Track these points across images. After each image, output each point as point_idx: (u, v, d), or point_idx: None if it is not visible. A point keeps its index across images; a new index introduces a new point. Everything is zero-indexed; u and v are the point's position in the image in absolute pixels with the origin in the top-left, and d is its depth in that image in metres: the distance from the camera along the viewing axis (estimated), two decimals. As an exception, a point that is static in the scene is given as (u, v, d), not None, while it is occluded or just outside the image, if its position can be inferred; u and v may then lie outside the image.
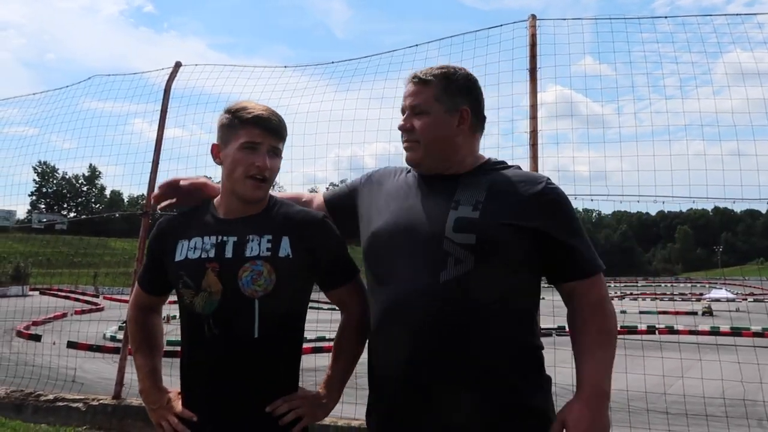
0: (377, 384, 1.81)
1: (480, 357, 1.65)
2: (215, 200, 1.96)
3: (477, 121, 1.89)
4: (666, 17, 5.00)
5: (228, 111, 1.87)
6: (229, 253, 1.81)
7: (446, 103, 1.83)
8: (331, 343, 2.01)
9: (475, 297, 1.65)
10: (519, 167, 1.92)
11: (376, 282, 1.81)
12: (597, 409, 1.63)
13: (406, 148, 1.89)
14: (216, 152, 1.91)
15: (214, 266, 1.80)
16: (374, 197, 1.94)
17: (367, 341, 1.88)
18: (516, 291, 1.73)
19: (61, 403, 5.64)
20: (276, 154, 1.86)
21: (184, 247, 1.87)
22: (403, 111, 1.91)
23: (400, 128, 1.89)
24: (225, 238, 1.84)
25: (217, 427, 1.78)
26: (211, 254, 1.82)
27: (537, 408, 1.71)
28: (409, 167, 1.94)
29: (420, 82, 1.86)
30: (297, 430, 1.81)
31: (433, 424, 1.66)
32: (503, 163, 1.92)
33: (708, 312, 32.88)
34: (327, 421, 4.61)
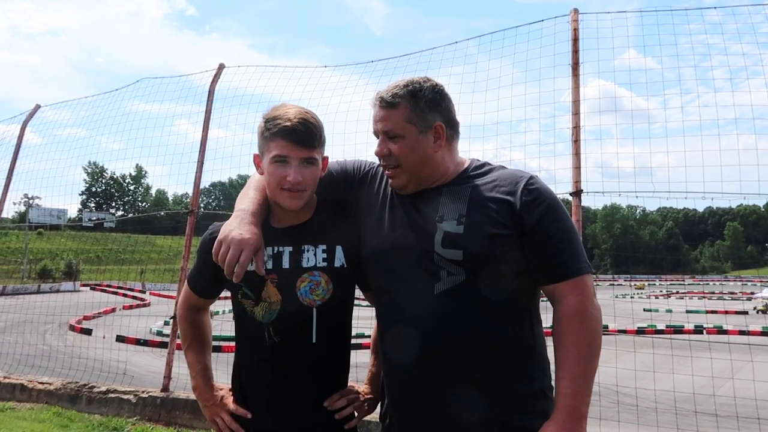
0: (387, 389, 1.85)
1: (478, 361, 1.67)
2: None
3: (452, 130, 1.87)
4: (715, 7, 4.83)
5: (264, 118, 1.88)
6: (286, 264, 1.86)
7: (418, 124, 1.79)
8: (369, 340, 2.05)
9: (469, 305, 1.68)
10: (503, 167, 1.88)
11: (379, 293, 1.85)
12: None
13: (389, 176, 1.86)
14: (258, 162, 1.94)
15: (272, 277, 1.84)
16: (368, 205, 1.94)
17: (381, 354, 1.90)
18: (510, 296, 1.71)
19: (112, 395, 5.87)
20: (310, 163, 1.84)
21: None
22: (376, 134, 1.87)
23: (377, 154, 1.85)
24: (281, 249, 1.88)
25: (279, 428, 1.85)
26: (269, 265, 1.85)
27: (535, 413, 1.69)
28: None
29: (387, 105, 1.80)
30: (353, 425, 1.89)
31: (436, 428, 1.70)
32: (486, 165, 1.89)
33: (764, 310, 31.73)
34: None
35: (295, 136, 1.80)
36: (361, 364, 2.11)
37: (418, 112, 1.79)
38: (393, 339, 1.75)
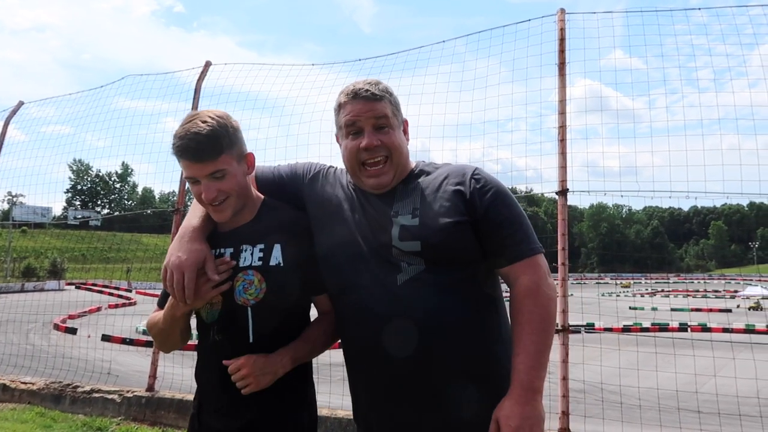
0: (357, 385, 1.87)
1: (447, 345, 1.69)
2: None
3: None
4: (700, 8, 4.88)
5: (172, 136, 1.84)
6: None
7: (398, 117, 1.89)
8: None
9: (432, 291, 1.71)
10: (448, 164, 1.95)
11: (338, 292, 1.86)
12: (527, 404, 1.63)
13: (374, 172, 1.83)
14: None
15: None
16: (321, 206, 1.94)
17: (344, 354, 1.90)
18: (470, 280, 1.76)
19: (97, 395, 5.81)
20: (218, 177, 1.80)
21: None
22: (354, 129, 1.83)
23: (366, 147, 1.81)
24: (222, 251, 1.90)
25: (227, 425, 1.85)
26: None
27: (497, 395, 1.69)
28: (347, 174, 1.95)
29: (374, 97, 1.82)
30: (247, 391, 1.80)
31: (407, 417, 1.72)
32: (431, 164, 1.96)
33: (755, 307, 32.25)
34: (325, 412, 4.66)
35: (189, 155, 1.77)
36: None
37: (395, 106, 1.88)
38: (359, 333, 1.78)
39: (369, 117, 1.82)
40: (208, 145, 1.77)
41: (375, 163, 1.83)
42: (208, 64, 6.33)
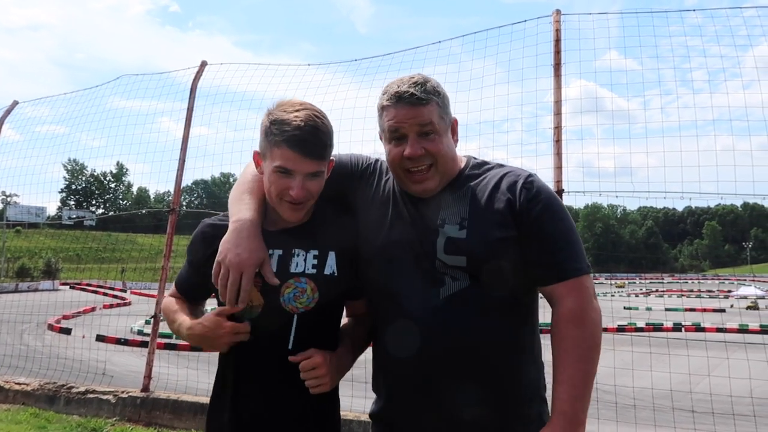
0: (388, 390, 1.82)
1: (483, 365, 1.66)
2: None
3: None
4: (694, 10, 4.91)
5: (270, 115, 1.73)
6: (274, 268, 1.76)
7: (446, 120, 1.76)
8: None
9: (474, 309, 1.65)
10: (501, 165, 1.83)
11: (378, 295, 1.80)
12: None
13: (419, 179, 1.73)
14: (258, 161, 1.82)
15: (257, 281, 1.74)
16: (368, 205, 1.86)
17: (375, 354, 1.87)
18: (514, 299, 1.70)
19: (91, 395, 5.79)
20: (316, 176, 1.73)
21: None
22: (397, 135, 1.72)
23: (411, 156, 1.70)
24: (270, 251, 1.77)
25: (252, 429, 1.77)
26: None
27: (530, 417, 1.70)
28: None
29: (419, 101, 1.69)
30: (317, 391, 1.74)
31: (436, 426, 1.69)
32: (484, 165, 1.84)
33: (753, 307, 32.50)
34: (350, 416, 4.66)
35: (303, 147, 1.66)
36: (369, 361, 2.05)
37: (444, 107, 1.75)
38: (397, 342, 1.71)
39: (413, 124, 1.70)
40: (324, 142, 1.71)
41: (419, 171, 1.73)
42: (203, 64, 6.32)
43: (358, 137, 5.46)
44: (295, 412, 1.76)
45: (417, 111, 1.69)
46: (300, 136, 1.66)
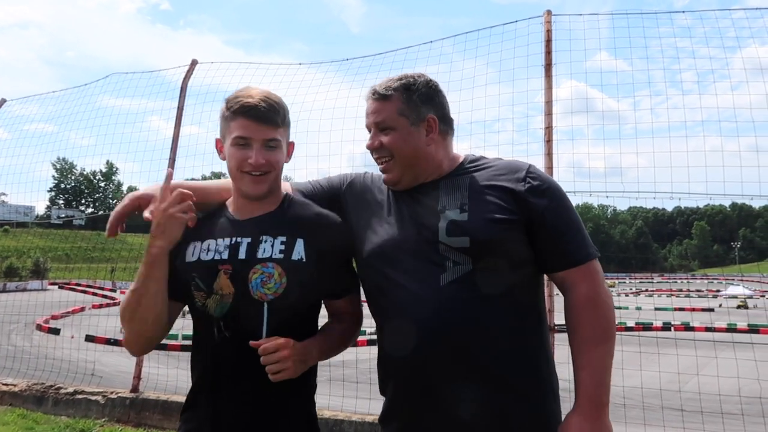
0: (390, 386, 1.80)
1: (486, 353, 1.64)
2: (228, 201, 1.91)
3: (445, 125, 1.87)
4: (684, 11, 4.94)
5: (225, 100, 1.80)
6: (242, 255, 1.75)
7: (411, 116, 1.80)
8: (366, 338, 1.96)
9: (477, 295, 1.64)
10: (500, 159, 1.88)
11: (378, 293, 1.80)
12: (597, 419, 1.61)
13: (382, 170, 1.86)
14: (219, 147, 1.85)
15: (226, 268, 1.74)
16: (361, 210, 1.91)
17: (378, 356, 1.85)
18: (517, 286, 1.69)
19: (80, 396, 5.75)
20: (273, 146, 1.76)
21: (197, 248, 1.81)
22: (369, 128, 1.87)
23: (368, 147, 1.86)
24: (239, 240, 1.78)
25: (230, 428, 1.73)
26: (225, 256, 1.76)
27: (540, 410, 1.69)
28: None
29: (380, 97, 1.81)
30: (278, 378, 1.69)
31: (438, 423, 1.67)
32: (482, 159, 1.89)
33: (743, 305, 32.92)
34: (341, 416, 4.66)
35: (256, 113, 1.73)
36: (361, 361, 2.04)
37: (411, 104, 1.80)
38: (397, 334, 1.70)
39: (374, 118, 1.82)
40: (274, 112, 1.76)
41: (381, 161, 1.84)
42: (194, 63, 6.29)
43: (349, 136, 5.46)
44: (274, 408, 1.73)
45: (377, 106, 1.82)
46: (253, 104, 1.73)
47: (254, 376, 1.69)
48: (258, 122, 1.74)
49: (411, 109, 1.80)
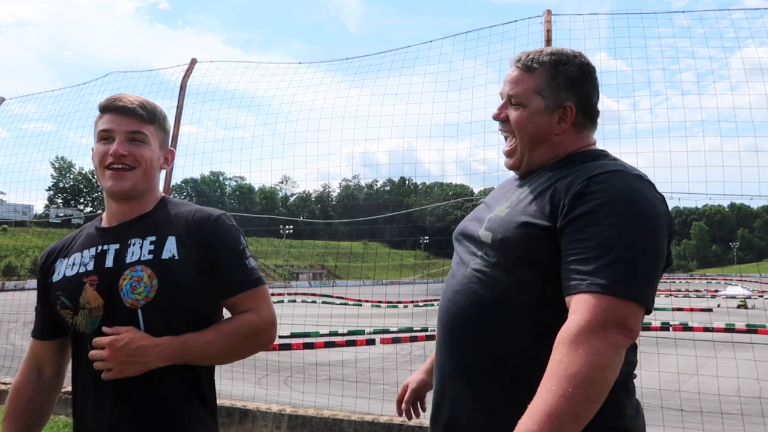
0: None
1: (477, 354, 1.53)
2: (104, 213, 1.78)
3: (585, 117, 1.63)
4: (683, 12, 4.94)
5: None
6: (109, 263, 1.61)
7: (548, 98, 1.58)
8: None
9: (480, 292, 1.53)
10: (612, 161, 1.59)
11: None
12: None
13: (507, 151, 1.69)
14: (93, 157, 1.72)
15: (92, 279, 1.60)
16: None
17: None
18: (515, 289, 1.48)
19: (79, 395, 5.73)
20: (138, 140, 1.66)
21: (63, 265, 1.69)
22: (501, 96, 1.68)
23: (493, 117, 1.68)
24: (106, 247, 1.64)
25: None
26: (90, 267, 1.62)
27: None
28: None
29: (523, 68, 1.61)
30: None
31: (444, 421, 1.61)
32: (591, 157, 1.59)
33: (744, 305, 33.02)
34: (340, 415, 4.65)
35: (121, 107, 1.66)
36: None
37: (553, 85, 1.59)
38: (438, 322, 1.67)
39: (508, 89, 1.66)
40: (141, 108, 1.68)
41: (503, 131, 1.71)
42: (193, 62, 6.28)
43: (349, 136, 5.47)
44: (153, 418, 1.57)
45: (516, 77, 1.64)
46: (116, 99, 1.68)
47: (139, 390, 1.55)
48: (121, 115, 1.66)
49: (551, 90, 1.58)
